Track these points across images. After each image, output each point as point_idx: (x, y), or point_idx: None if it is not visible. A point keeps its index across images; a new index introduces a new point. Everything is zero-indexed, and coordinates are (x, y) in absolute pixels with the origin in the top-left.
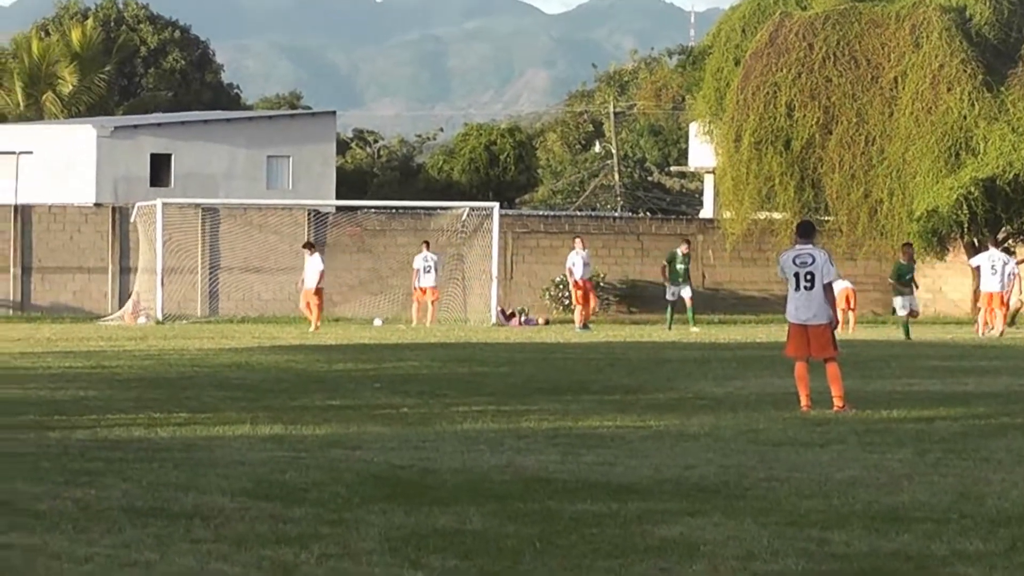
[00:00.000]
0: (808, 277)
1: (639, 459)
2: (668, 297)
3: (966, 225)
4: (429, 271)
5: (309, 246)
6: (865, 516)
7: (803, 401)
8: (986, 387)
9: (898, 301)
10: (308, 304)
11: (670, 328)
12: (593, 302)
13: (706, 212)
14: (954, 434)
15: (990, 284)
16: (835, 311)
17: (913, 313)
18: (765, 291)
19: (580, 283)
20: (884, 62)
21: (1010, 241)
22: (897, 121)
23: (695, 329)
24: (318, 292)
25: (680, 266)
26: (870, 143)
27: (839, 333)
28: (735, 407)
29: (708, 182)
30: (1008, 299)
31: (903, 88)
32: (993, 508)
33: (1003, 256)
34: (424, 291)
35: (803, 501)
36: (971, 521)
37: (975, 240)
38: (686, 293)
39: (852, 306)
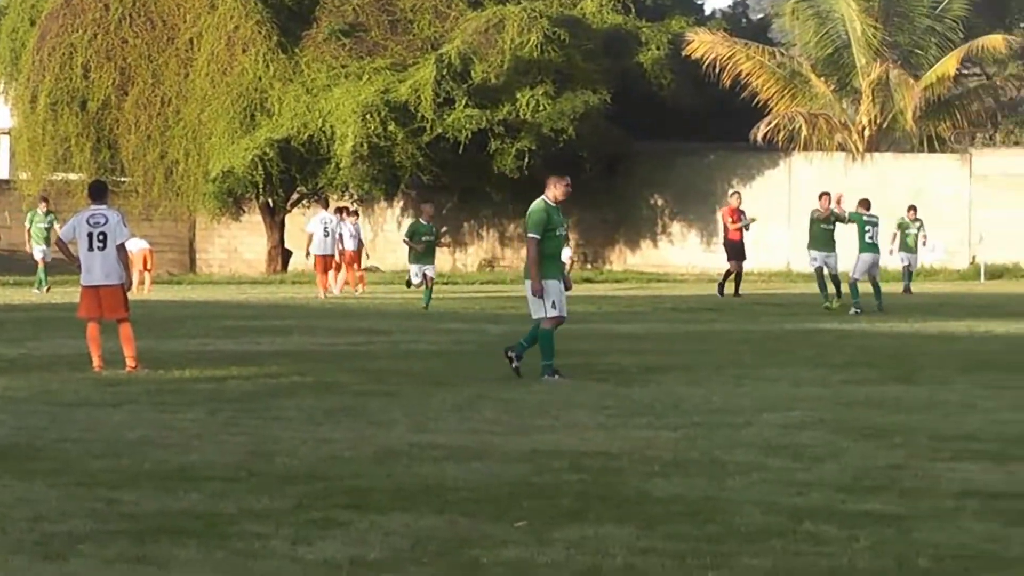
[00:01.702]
0: (101, 237)
1: None
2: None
3: (262, 186)
4: None
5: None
6: (155, 476)
7: (96, 362)
8: (279, 346)
9: (413, 268)
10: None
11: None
12: None
13: (2, 173)
14: (246, 393)
15: (322, 247)
16: (129, 272)
17: (428, 279)
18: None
19: None
20: (180, 23)
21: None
22: (193, 82)
23: (36, 291)
24: None
25: (41, 226)
26: (166, 104)
27: (135, 294)
28: (28, 368)
29: (4, 143)
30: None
31: (199, 49)
32: (282, 466)
33: (335, 217)
34: None
35: (94, 461)
36: (260, 479)
37: (270, 201)
38: (38, 255)
39: (149, 267)
